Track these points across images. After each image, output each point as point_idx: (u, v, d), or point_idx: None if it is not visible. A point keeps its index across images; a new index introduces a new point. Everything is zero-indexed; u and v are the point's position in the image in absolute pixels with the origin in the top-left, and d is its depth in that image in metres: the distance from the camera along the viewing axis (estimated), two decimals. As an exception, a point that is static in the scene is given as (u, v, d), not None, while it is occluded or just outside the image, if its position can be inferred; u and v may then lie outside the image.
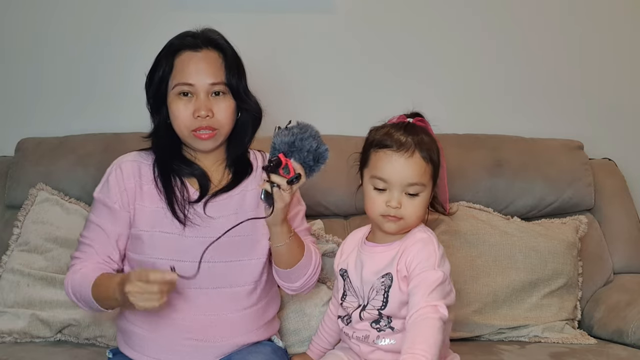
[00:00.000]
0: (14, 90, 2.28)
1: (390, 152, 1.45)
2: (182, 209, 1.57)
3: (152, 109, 1.63)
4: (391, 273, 1.46)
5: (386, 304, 1.47)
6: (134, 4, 2.27)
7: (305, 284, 1.62)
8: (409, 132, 1.47)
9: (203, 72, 1.56)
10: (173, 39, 1.63)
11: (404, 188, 1.45)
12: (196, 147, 1.61)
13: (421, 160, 1.45)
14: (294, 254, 1.55)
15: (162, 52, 1.62)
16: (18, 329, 1.80)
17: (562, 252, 2.00)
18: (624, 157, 2.35)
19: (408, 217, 1.46)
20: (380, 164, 1.46)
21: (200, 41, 1.59)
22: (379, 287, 1.48)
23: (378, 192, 1.47)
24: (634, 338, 1.84)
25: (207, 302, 1.55)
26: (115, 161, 1.65)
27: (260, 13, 2.31)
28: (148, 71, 1.63)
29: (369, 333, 1.50)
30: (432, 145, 1.48)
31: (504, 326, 1.95)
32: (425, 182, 1.46)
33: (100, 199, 1.61)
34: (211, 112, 1.56)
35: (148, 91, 1.63)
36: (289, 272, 1.58)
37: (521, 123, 2.37)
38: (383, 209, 1.46)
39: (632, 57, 2.47)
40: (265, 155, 1.73)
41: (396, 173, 1.44)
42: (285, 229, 1.51)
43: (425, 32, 2.38)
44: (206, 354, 1.55)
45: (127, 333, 1.60)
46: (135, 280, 1.36)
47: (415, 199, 1.46)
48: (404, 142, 1.45)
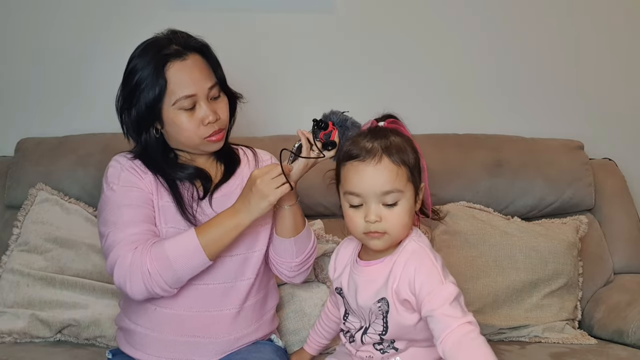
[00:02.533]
0: (14, 90, 2.28)
1: (357, 162, 1.34)
2: (190, 209, 1.57)
3: (139, 127, 1.57)
4: (386, 298, 1.37)
5: (387, 330, 1.39)
6: (133, 4, 2.27)
7: (303, 263, 1.63)
8: (375, 136, 1.36)
9: (199, 80, 1.55)
10: (148, 51, 1.55)
11: (379, 198, 1.33)
12: (207, 150, 1.61)
13: (391, 165, 1.33)
14: (297, 221, 1.58)
15: (143, 68, 1.53)
16: (18, 329, 1.80)
17: (563, 252, 2.00)
18: (624, 157, 2.35)
19: (391, 229, 1.34)
20: (349, 178, 1.35)
21: (182, 48, 1.56)
22: (377, 312, 1.39)
23: (355, 209, 1.35)
24: (634, 338, 1.84)
25: (209, 298, 1.56)
26: (117, 157, 1.62)
27: (259, 13, 2.30)
28: (124, 89, 1.56)
29: (373, 355, 1.45)
30: (403, 147, 1.36)
31: (504, 326, 1.95)
32: (402, 187, 1.34)
33: (123, 186, 1.54)
34: (217, 115, 1.57)
35: (130, 110, 1.56)
36: (290, 242, 1.59)
37: (521, 123, 2.37)
38: (363, 226, 1.34)
39: (632, 57, 2.47)
40: (255, 151, 1.75)
41: (366, 184, 1.33)
42: (295, 191, 1.53)
43: (424, 32, 2.38)
44: (207, 350, 1.55)
45: (128, 332, 1.59)
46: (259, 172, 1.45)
47: (394, 208, 1.34)
48: (369, 149, 1.34)
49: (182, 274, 1.47)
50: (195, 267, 1.48)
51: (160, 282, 1.46)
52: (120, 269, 1.47)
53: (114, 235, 1.50)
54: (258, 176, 1.45)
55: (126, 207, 1.52)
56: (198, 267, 1.49)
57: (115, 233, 1.50)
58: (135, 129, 1.58)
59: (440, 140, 2.20)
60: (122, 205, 1.53)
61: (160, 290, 1.47)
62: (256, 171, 1.46)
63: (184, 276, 1.48)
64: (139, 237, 1.49)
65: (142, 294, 1.48)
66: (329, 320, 1.66)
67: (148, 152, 1.60)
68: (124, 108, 1.58)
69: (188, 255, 1.46)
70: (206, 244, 1.47)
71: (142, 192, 1.55)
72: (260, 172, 1.45)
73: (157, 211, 1.56)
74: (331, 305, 1.65)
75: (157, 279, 1.46)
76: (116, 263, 1.47)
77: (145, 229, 1.51)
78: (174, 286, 1.49)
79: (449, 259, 1.97)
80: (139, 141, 1.59)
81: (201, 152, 1.63)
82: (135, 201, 1.53)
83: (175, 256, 1.46)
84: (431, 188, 2.08)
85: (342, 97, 2.36)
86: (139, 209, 1.53)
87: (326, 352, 1.72)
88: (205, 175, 1.62)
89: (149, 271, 1.45)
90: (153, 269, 1.45)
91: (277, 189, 1.44)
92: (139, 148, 1.61)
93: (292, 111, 2.31)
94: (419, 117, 2.30)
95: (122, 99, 1.58)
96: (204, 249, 1.47)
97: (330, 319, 1.65)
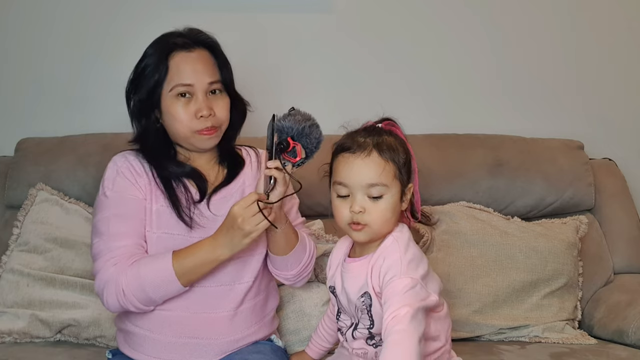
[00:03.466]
0: (14, 90, 2.28)
1: (348, 154, 1.42)
2: (187, 211, 1.57)
3: (140, 113, 1.61)
4: (368, 292, 1.42)
5: (373, 323, 1.44)
6: (133, 4, 2.27)
7: (300, 273, 1.63)
8: (369, 133, 1.44)
9: (200, 72, 1.57)
10: (159, 41, 1.61)
11: (365, 190, 1.40)
12: (199, 146, 1.61)
13: (379, 159, 1.40)
14: (289, 239, 1.57)
15: (150, 55, 1.59)
16: (18, 329, 1.80)
17: (563, 252, 2.00)
18: (624, 157, 2.35)
19: (373, 222, 1.40)
20: (339, 169, 1.43)
21: (190, 41, 1.59)
22: (361, 307, 1.44)
23: (342, 199, 1.42)
24: (634, 338, 1.84)
25: (208, 300, 1.55)
26: (115, 158, 1.64)
27: (258, 13, 2.31)
28: (132, 75, 1.61)
29: (367, 350, 1.48)
30: (395, 146, 1.43)
31: (504, 326, 1.95)
32: (387, 182, 1.40)
33: (117, 193, 1.57)
34: (212, 111, 1.57)
35: (133, 96, 1.61)
36: (285, 258, 1.59)
37: (521, 123, 2.37)
38: (348, 216, 1.41)
39: (632, 57, 2.47)
40: (258, 151, 1.74)
41: (354, 174, 1.40)
42: (282, 213, 1.52)
43: (423, 32, 2.38)
44: (207, 352, 1.55)
45: (127, 333, 1.59)
46: (239, 208, 1.41)
47: (379, 202, 1.40)
48: (361, 142, 1.42)
49: (156, 297, 1.49)
50: (169, 293, 1.50)
51: (134, 302, 1.49)
52: (99, 281, 1.51)
53: (100, 246, 1.53)
54: (239, 215, 1.42)
55: (115, 217, 1.54)
56: (172, 293, 1.50)
57: (101, 243, 1.53)
58: (137, 115, 1.61)
59: (440, 140, 2.20)
60: (111, 215, 1.55)
61: (134, 308, 1.50)
62: (236, 207, 1.43)
63: (157, 300, 1.50)
64: (122, 252, 1.51)
65: (116, 308, 1.52)
66: (331, 323, 1.66)
67: (147, 138, 1.61)
68: (130, 93, 1.62)
69: (161, 281, 1.48)
70: (182, 273, 1.48)
71: (134, 200, 1.56)
72: (240, 210, 1.42)
73: (150, 216, 1.57)
74: (333, 308, 1.65)
75: (131, 299, 1.48)
76: (97, 274, 1.51)
77: (131, 242, 1.52)
78: (148, 305, 1.51)
79: (449, 259, 1.97)
80: (140, 126, 1.61)
81: (196, 149, 1.63)
82: (125, 211, 1.55)
83: (149, 281, 1.47)
84: (431, 188, 2.10)
85: (342, 97, 2.36)
86: (127, 221, 1.54)
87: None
88: (199, 176, 1.62)
89: (123, 290, 1.48)
90: (127, 289, 1.47)
91: (259, 225, 1.43)
92: (139, 134, 1.62)
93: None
94: (418, 117, 2.32)
95: (129, 84, 1.62)
96: (179, 277, 1.48)
97: (333, 321, 1.65)
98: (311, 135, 1.43)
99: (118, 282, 1.48)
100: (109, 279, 1.49)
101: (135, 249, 1.52)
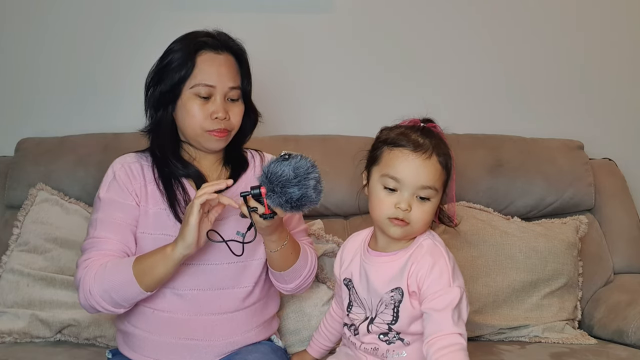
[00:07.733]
0: (14, 90, 2.28)
1: (407, 151, 1.40)
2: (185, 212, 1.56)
3: (158, 103, 1.60)
4: (401, 287, 1.41)
5: (397, 319, 1.43)
6: (133, 4, 2.27)
7: (300, 286, 1.63)
8: (425, 134, 1.43)
9: (224, 76, 1.58)
10: (190, 37, 1.60)
11: (415, 191, 1.39)
12: (206, 146, 1.61)
13: (438, 164, 1.41)
14: (287, 258, 1.57)
15: (178, 50, 1.58)
16: (18, 329, 1.80)
17: (563, 252, 2.00)
18: (624, 157, 2.35)
19: (415, 222, 1.40)
20: (394, 163, 1.40)
21: (220, 43, 1.60)
22: (388, 301, 1.43)
23: (388, 192, 1.40)
24: (634, 338, 1.84)
25: (208, 303, 1.55)
26: (116, 161, 1.65)
27: (259, 13, 2.31)
28: (156, 66, 1.61)
29: (378, 346, 1.47)
30: (448, 153, 1.45)
31: (504, 326, 1.95)
32: (438, 187, 1.41)
33: (109, 198, 1.58)
34: (228, 115, 1.58)
35: (154, 87, 1.60)
36: (282, 274, 1.59)
37: (521, 123, 2.37)
38: (391, 211, 1.40)
39: (632, 57, 2.47)
40: (263, 154, 1.74)
41: (411, 173, 1.39)
42: (276, 237, 1.51)
43: (425, 32, 2.38)
44: (206, 353, 1.55)
45: (126, 334, 1.59)
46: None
47: (425, 203, 1.40)
48: (421, 143, 1.40)
49: (118, 299, 1.49)
50: (130, 296, 1.48)
51: (101, 303, 1.49)
52: (75, 279, 1.53)
53: (85, 245, 1.56)
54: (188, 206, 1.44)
55: (101, 221, 1.56)
56: (133, 295, 1.48)
57: (86, 242, 1.56)
58: (155, 105, 1.61)
59: (440, 140, 2.19)
60: (99, 219, 1.56)
61: (102, 309, 1.50)
62: None
63: (121, 302, 1.49)
64: (100, 255, 1.51)
65: (87, 308, 1.53)
66: (333, 322, 1.66)
67: (159, 129, 1.61)
68: (151, 84, 1.62)
69: (122, 284, 1.47)
70: (139, 274, 1.46)
71: (124, 206, 1.56)
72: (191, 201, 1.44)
73: (147, 218, 1.57)
74: (336, 306, 1.65)
75: (98, 299, 1.49)
76: (75, 271, 1.54)
77: (112, 248, 1.53)
78: (116, 307, 1.50)
79: (449, 259, 1.97)
80: (155, 116, 1.62)
81: (203, 149, 1.63)
82: (112, 217, 1.56)
83: (112, 283, 1.47)
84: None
85: (342, 97, 2.37)
86: (113, 227, 1.55)
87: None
88: (200, 177, 1.62)
89: (90, 291, 1.48)
90: (94, 290, 1.48)
91: (192, 208, 1.40)
92: (152, 124, 1.63)
93: (291, 111, 2.31)
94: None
95: (152, 74, 1.62)
96: (137, 279, 1.46)
97: (335, 320, 1.65)
98: (292, 196, 1.32)
99: (86, 283, 1.48)
100: (80, 278, 1.50)
101: (115, 253, 1.53)
